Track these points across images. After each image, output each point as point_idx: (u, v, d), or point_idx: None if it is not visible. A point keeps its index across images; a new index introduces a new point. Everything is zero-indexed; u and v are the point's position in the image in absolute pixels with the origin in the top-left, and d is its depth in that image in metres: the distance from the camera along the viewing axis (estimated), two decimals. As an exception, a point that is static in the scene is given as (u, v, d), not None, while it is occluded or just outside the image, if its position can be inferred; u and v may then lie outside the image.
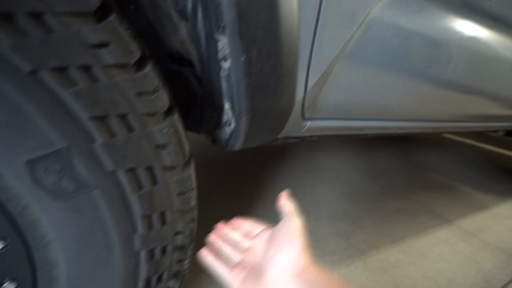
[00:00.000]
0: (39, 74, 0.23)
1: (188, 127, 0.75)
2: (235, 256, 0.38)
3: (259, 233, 0.39)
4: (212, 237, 0.42)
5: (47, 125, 0.25)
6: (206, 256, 0.39)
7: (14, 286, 0.32)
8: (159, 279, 0.40)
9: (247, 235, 0.40)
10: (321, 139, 1.17)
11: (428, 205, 1.33)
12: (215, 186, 1.26)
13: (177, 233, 0.39)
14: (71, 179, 0.27)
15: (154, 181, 0.33)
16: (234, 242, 0.40)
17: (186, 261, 0.44)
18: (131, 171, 0.31)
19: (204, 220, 1.02)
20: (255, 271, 0.34)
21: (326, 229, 1.09)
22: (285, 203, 0.39)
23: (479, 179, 1.77)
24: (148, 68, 0.30)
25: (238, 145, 0.49)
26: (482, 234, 1.15)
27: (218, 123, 0.50)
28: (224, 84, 0.42)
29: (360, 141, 2.14)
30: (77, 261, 0.32)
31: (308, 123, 0.62)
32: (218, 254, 0.39)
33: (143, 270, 0.36)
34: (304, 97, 0.52)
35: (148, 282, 0.38)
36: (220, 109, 0.47)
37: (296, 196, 1.33)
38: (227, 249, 0.39)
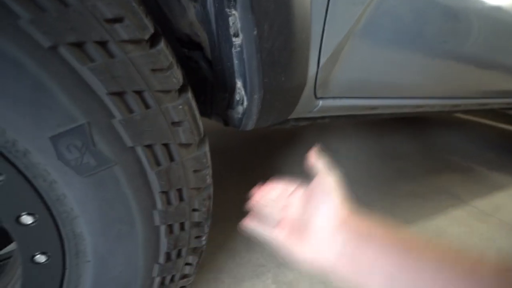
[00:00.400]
0: (59, 49, 0.24)
1: (199, 112, 0.75)
2: (275, 215, 0.40)
3: (294, 191, 0.40)
4: (250, 203, 0.43)
5: (68, 101, 0.26)
6: (247, 223, 0.40)
7: (45, 258, 0.34)
8: (179, 254, 0.41)
9: (283, 194, 0.42)
10: (333, 122, 1.15)
11: (444, 187, 1.31)
12: (225, 171, 1.27)
13: (194, 210, 0.40)
14: (93, 155, 0.28)
15: (171, 158, 0.34)
16: (271, 202, 0.41)
17: (204, 238, 0.45)
18: (149, 147, 0.31)
19: (216, 203, 1.04)
20: (297, 226, 0.35)
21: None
22: (316, 160, 0.39)
23: (496, 159, 1.72)
24: (162, 45, 0.30)
25: (250, 125, 0.49)
26: (499, 214, 1.13)
27: (230, 103, 0.50)
28: (236, 62, 0.41)
29: (371, 124, 2.10)
30: (101, 235, 0.33)
31: (320, 102, 0.61)
32: (258, 217, 0.40)
33: (163, 245, 0.38)
34: (316, 74, 0.51)
35: (168, 256, 0.40)
36: (232, 89, 0.46)
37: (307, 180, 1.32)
38: (266, 211, 0.41)
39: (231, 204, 1.08)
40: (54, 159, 0.27)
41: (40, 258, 0.34)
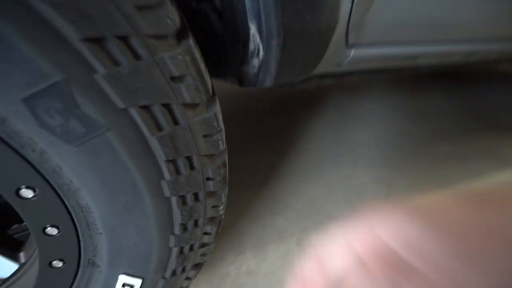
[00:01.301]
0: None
1: (212, 74, 0.69)
2: None
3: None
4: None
5: (35, 53, 0.20)
6: None
7: (57, 230, 0.32)
8: (196, 224, 0.39)
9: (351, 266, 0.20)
10: (362, 78, 1.03)
11: (486, 149, 1.17)
12: (245, 136, 1.22)
13: (208, 179, 0.36)
14: (79, 119, 0.24)
15: (174, 121, 0.29)
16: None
17: (221, 207, 0.42)
18: (146, 108, 0.26)
19: (236, 167, 1.01)
20: None
21: (365, 175, 1.02)
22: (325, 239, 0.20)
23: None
24: (147, -28, 0.23)
25: (268, 81, 0.41)
26: (555, 178, 1.00)
27: (243, 57, 0.42)
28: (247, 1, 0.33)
29: (401, 79, 1.89)
30: (107, 207, 0.30)
31: (352, 51, 0.50)
32: None
33: (177, 216, 0.35)
34: (350, 13, 0.41)
35: (184, 226, 0.37)
36: (245, 38, 0.39)
37: (333, 143, 1.24)
38: None
39: (252, 168, 1.05)
40: (35, 125, 0.23)
41: (52, 230, 0.32)
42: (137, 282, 0.38)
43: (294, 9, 0.32)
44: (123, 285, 0.38)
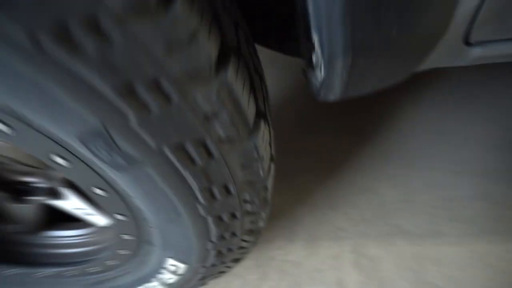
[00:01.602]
0: (40, 40, 0.18)
1: (292, 51, 0.63)
2: None
3: None
4: None
5: (75, 103, 0.21)
6: None
7: (124, 217, 0.39)
8: (233, 235, 0.40)
9: None
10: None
11: None
12: (320, 113, 1.09)
13: (246, 201, 0.35)
14: (120, 155, 0.25)
15: (208, 155, 0.28)
16: None
17: (261, 222, 0.41)
18: (178, 146, 0.26)
19: (298, 152, 0.94)
20: None
21: (461, 186, 0.81)
22: None
23: None
24: (178, 7, 0.20)
25: (332, 97, 0.34)
26: None
27: (309, 62, 0.36)
28: (310, 4, 0.25)
29: None
30: (154, 216, 0.34)
31: (476, 51, 0.35)
32: None
33: (213, 230, 0.36)
34: (476, 10, 0.26)
35: (221, 237, 0.39)
36: (310, 44, 0.31)
37: (426, 138, 0.99)
38: None
39: (320, 151, 0.96)
40: (91, 155, 0.26)
41: (120, 216, 0.39)
42: (182, 266, 0.44)
43: (373, 22, 0.23)
44: (171, 265, 0.44)
